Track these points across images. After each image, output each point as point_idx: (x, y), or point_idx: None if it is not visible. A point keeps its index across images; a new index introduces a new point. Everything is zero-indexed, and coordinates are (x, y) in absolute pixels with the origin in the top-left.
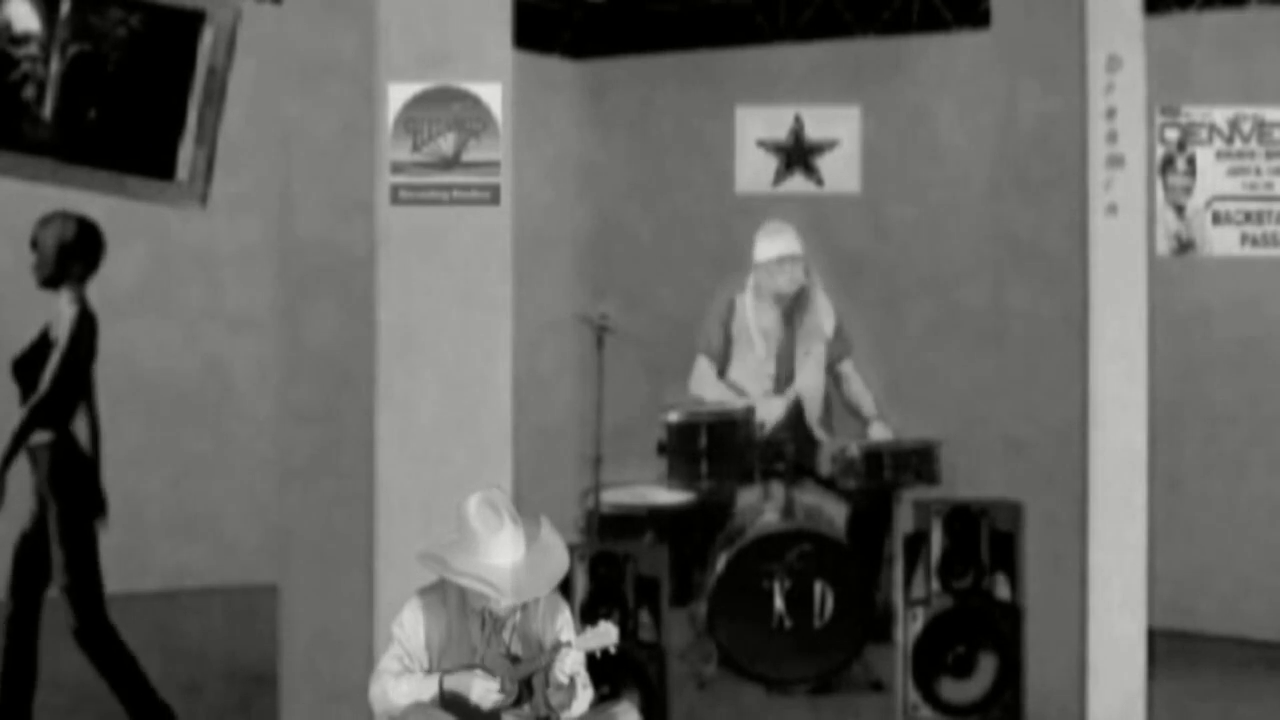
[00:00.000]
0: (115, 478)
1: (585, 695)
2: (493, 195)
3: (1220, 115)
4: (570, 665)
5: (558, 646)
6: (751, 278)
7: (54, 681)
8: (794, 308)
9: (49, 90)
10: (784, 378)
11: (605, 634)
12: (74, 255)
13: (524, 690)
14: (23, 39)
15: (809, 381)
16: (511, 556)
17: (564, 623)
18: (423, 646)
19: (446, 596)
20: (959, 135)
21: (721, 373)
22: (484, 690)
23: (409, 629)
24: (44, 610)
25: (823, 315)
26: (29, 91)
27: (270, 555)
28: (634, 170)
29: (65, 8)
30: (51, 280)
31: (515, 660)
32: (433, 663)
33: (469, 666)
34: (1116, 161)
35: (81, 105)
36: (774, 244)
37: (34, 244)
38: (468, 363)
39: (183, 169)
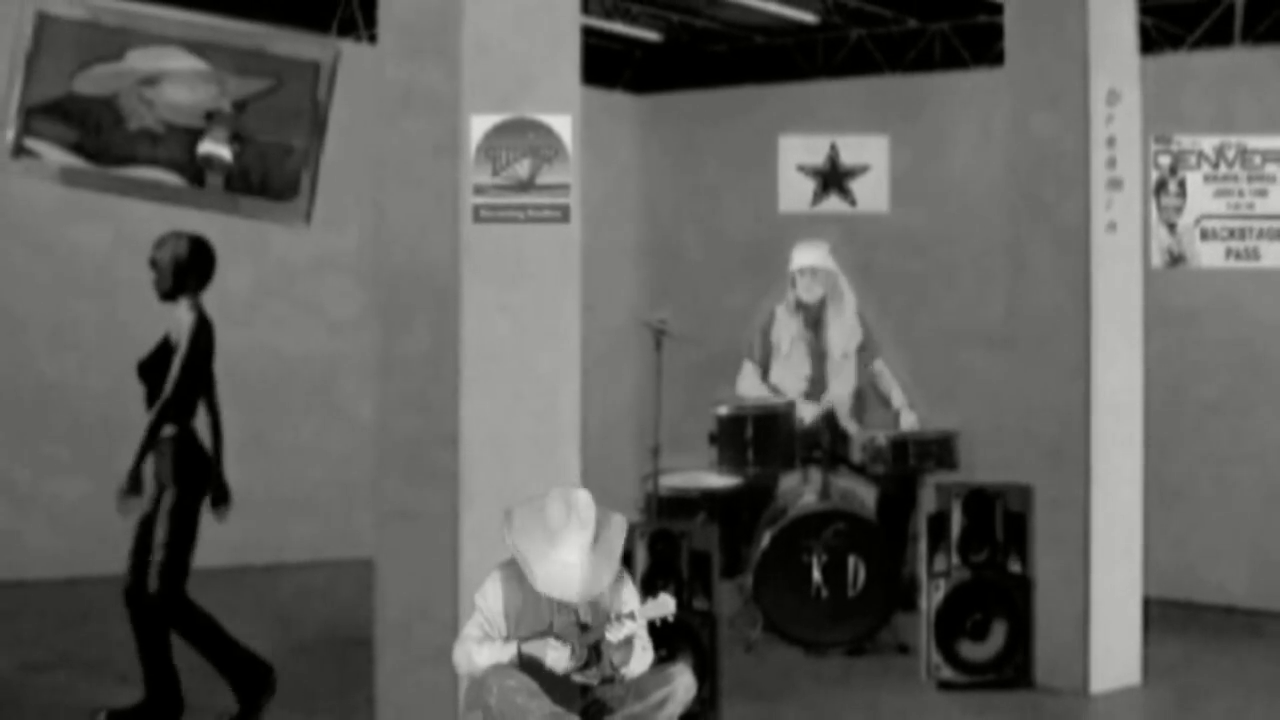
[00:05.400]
0: (230, 464)
1: (646, 656)
2: (563, 214)
3: (1208, 143)
4: (624, 630)
5: (620, 616)
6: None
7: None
8: (819, 318)
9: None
10: (818, 381)
11: (664, 605)
12: (189, 270)
13: (592, 654)
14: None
15: (840, 389)
16: (578, 555)
17: (629, 593)
18: (502, 614)
19: (524, 571)
20: (976, 160)
21: (765, 375)
22: (556, 657)
23: (490, 599)
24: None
25: (847, 328)
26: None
27: (367, 533)
28: (688, 191)
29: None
30: (170, 293)
31: (584, 628)
32: (510, 629)
33: (543, 634)
34: (1115, 184)
35: None
36: (798, 256)
37: (152, 263)
38: (541, 361)
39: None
